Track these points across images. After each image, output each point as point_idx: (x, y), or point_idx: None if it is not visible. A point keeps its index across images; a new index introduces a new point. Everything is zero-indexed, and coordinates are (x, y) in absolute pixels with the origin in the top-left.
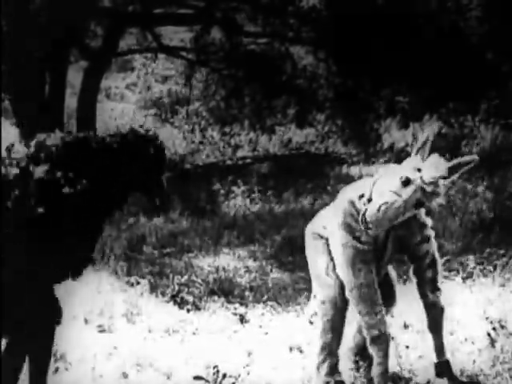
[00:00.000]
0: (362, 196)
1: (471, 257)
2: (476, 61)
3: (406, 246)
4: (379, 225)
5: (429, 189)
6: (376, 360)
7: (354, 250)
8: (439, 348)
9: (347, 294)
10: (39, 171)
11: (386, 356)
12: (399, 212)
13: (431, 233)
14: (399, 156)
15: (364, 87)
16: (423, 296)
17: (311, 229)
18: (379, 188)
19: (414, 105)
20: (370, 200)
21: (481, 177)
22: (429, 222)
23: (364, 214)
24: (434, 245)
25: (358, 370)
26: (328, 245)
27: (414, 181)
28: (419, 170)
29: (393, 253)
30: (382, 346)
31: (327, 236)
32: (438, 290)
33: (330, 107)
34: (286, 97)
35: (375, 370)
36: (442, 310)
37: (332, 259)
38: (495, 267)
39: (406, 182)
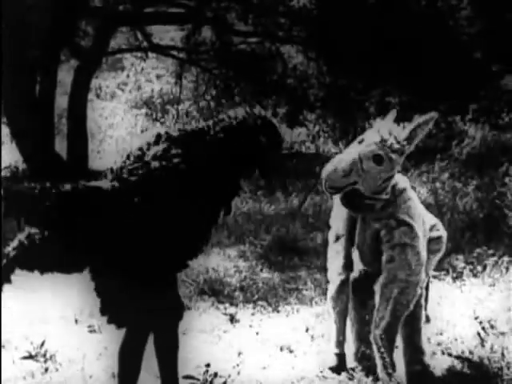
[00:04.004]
0: None
1: (461, 257)
2: (466, 60)
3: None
4: (334, 178)
5: (388, 142)
6: None
7: None
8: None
9: None
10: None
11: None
12: (353, 163)
13: (406, 251)
14: None
15: (354, 87)
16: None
17: None
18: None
19: (404, 105)
20: None
21: (470, 176)
22: (417, 229)
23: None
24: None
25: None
26: None
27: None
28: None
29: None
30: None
31: None
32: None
33: (320, 107)
34: (277, 96)
35: None
36: None
37: None
38: (485, 267)
39: (361, 141)
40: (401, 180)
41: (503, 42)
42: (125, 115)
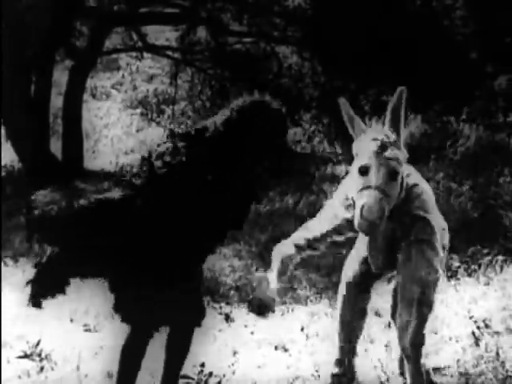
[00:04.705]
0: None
1: (456, 256)
2: (460, 61)
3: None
4: (371, 225)
5: (392, 154)
6: None
7: None
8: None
9: None
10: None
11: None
12: (380, 204)
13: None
14: None
15: (349, 87)
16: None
17: None
18: (350, 189)
19: None
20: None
21: (465, 176)
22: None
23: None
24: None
25: None
26: None
27: (371, 164)
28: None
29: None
30: None
31: None
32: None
33: (315, 106)
34: (272, 96)
35: None
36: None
37: None
38: (479, 266)
39: (364, 171)
40: (411, 173)
41: (497, 43)
42: (120, 115)
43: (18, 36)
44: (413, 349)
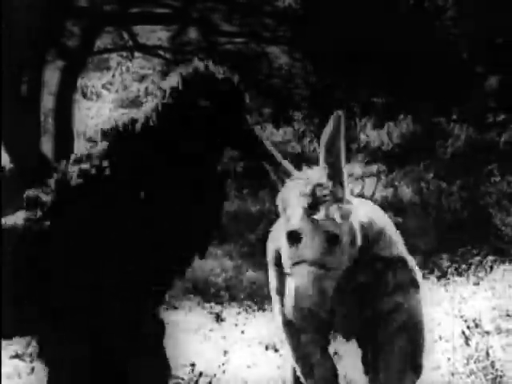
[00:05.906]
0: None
1: (445, 255)
2: (451, 61)
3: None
4: (307, 315)
5: (323, 213)
6: None
7: None
8: None
9: None
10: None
11: None
12: (316, 277)
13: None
14: (374, 155)
15: (340, 87)
16: None
17: None
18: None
19: (389, 105)
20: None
21: (455, 176)
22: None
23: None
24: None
25: None
26: None
27: (303, 228)
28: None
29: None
30: None
31: None
32: None
33: (306, 106)
34: (263, 96)
35: None
36: None
37: None
38: (469, 266)
39: (295, 237)
40: (361, 210)
41: (488, 43)
42: (111, 115)
43: (16, 36)
44: None
